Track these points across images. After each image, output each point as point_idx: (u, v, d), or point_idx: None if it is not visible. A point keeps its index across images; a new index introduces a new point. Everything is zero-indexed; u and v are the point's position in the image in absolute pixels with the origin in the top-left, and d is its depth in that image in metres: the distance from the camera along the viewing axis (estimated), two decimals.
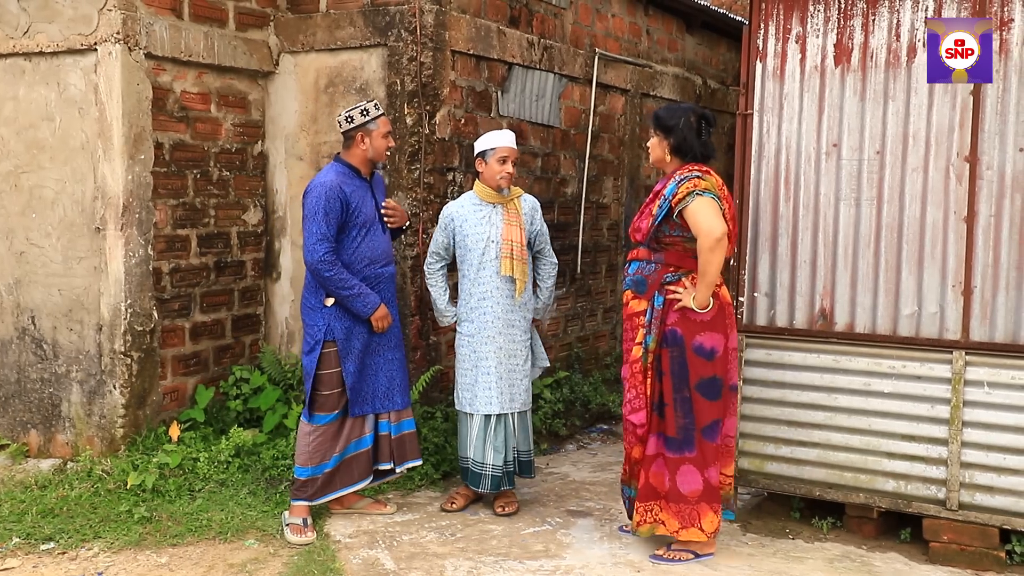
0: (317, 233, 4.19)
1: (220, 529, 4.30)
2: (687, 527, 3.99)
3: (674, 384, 3.96)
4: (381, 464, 4.50)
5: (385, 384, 4.45)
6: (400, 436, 4.52)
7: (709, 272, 3.83)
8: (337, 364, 4.31)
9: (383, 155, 4.40)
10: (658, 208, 3.96)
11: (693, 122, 4.02)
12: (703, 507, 3.99)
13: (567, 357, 6.84)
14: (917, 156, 4.14)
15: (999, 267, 4.02)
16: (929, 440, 4.15)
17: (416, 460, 4.58)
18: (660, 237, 4.00)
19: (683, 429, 3.97)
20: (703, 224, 3.82)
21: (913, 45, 4.13)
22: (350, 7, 5.49)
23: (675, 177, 3.98)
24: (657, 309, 3.98)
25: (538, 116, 6.35)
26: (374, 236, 4.37)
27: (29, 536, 4.19)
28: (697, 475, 3.98)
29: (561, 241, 6.65)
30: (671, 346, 3.96)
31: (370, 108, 4.34)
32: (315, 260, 4.20)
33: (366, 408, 4.40)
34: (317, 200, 4.22)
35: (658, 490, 4.04)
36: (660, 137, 4.07)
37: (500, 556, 4.13)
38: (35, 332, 5.17)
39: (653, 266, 4.03)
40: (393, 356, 4.48)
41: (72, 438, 5.09)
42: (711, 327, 3.93)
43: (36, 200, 5.13)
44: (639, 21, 7.51)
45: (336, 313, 4.29)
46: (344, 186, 4.26)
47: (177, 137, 5.24)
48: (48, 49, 4.98)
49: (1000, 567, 4.05)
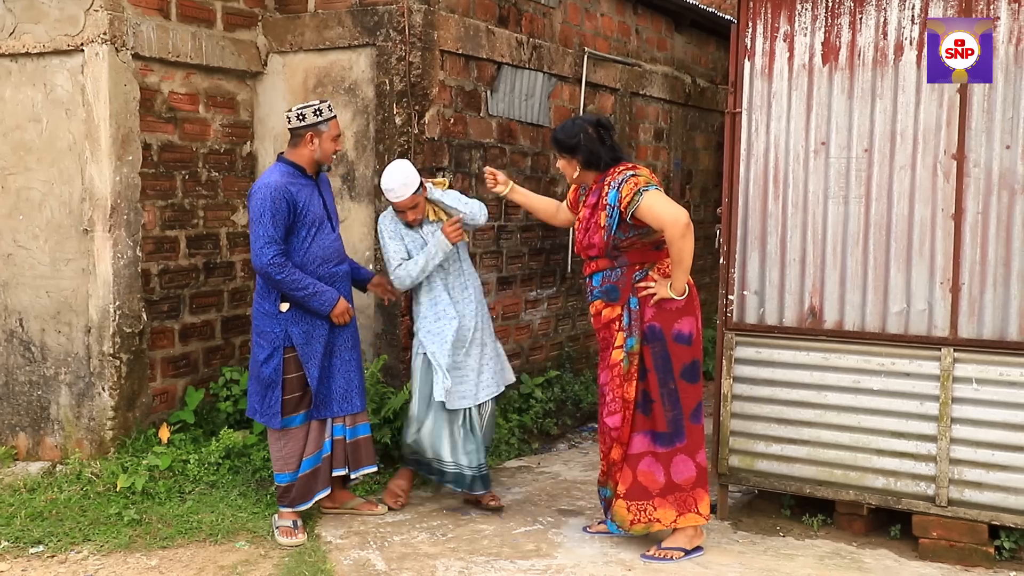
0: (264, 236, 4.07)
1: (210, 531, 4.29)
2: (684, 513, 4.07)
3: (659, 379, 4.01)
4: (336, 470, 4.40)
5: (343, 386, 4.35)
6: (355, 441, 4.43)
7: (684, 258, 3.88)
8: (297, 369, 4.23)
9: (330, 158, 4.29)
10: (608, 219, 3.97)
11: (592, 133, 4.06)
12: (698, 492, 4.08)
13: (558, 356, 6.84)
14: (905, 154, 4.15)
15: (986, 264, 4.04)
16: (918, 437, 4.17)
17: (371, 467, 4.49)
18: (617, 244, 4.02)
19: (673, 421, 4.03)
20: (666, 216, 3.85)
21: (900, 43, 4.15)
22: (338, 7, 5.48)
23: (610, 184, 3.99)
24: (634, 310, 4.02)
25: (528, 115, 6.35)
26: (324, 235, 4.28)
27: (18, 539, 4.17)
28: (690, 462, 4.06)
29: (551, 240, 6.66)
30: (653, 342, 4.00)
31: (323, 108, 4.21)
32: (264, 264, 4.08)
33: (323, 412, 4.32)
34: (263, 202, 4.09)
35: (649, 489, 4.06)
36: (567, 159, 4.11)
37: (491, 556, 4.13)
38: (23, 334, 5.15)
39: (619, 271, 4.05)
40: (350, 357, 4.39)
41: (61, 441, 5.07)
42: (686, 312, 4.02)
43: (23, 202, 5.11)
44: (628, 20, 7.52)
45: (293, 318, 4.20)
46: (290, 186, 4.14)
47: (165, 138, 5.23)
48: (34, 50, 4.95)
49: (989, 563, 4.07)
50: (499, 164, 6.08)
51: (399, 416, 5.12)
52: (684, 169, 8.47)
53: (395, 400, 5.08)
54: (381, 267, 5.33)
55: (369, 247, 5.46)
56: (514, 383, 5.10)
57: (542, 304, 6.66)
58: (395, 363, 5.43)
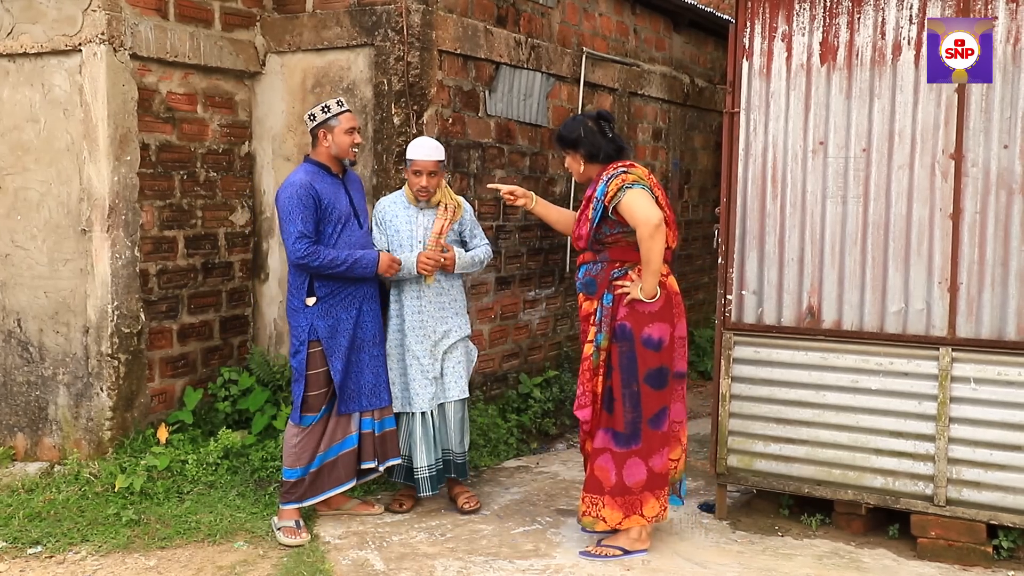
0: (295, 232, 4.20)
1: (209, 531, 4.29)
2: (629, 515, 4.05)
3: (623, 379, 4.01)
4: (364, 463, 4.49)
5: (371, 381, 4.44)
6: (383, 434, 4.51)
7: (652, 260, 3.89)
8: (323, 364, 4.31)
9: (347, 151, 4.35)
10: (593, 211, 4.04)
11: (593, 126, 4.11)
12: (646, 495, 4.06)
13: (556, 356, 6.84)
14: (903, 154, 4.15)
15: (985, 264, 4.04)
16: (916, 436, 4.17)
17: (396, 458, 4.56)
18: (601, 238, 4.06)
19: (631, 423, 4.02)
20: (639, 214, 3.89)
21: (898, 43, 4.15)
22: (336, 7, 5.48)
23: (602, 178, 4.05)
24: (607, 307, 4.04)
25: (526, 115, 6.35)
26: (351, 232, 4.36)
27: (16, 540, 4.17)
28: (642, 466, 4.04)
29: (549, 240, 6.66)
30: (621, 341, 4.01)
31: (332, 105, 4.34)
32: (298, 257, 4.20)
33: (352, 406, 4.39)
34: (289, 200, 4.22)
35: (603, 484, 4.07)
36: (571, 154, 4.17)
37: (490, 556, 4.13)
38: (21, 335, 5.14)
39: (599, 265, 4.09)
40: (378, 352, 4.48)
41: (59, 441, 5.07)
42: (659, 317, 4.00)
43: (21, 202, 5.10)
44: (626, 20, 7.52)
45: (319, 312, 4.29)
46: (315, 183, 4.26)
47: (163, 138, 5.22)
48: (32, 50, 4.95)
49: (987, 562, 4.07)
50: (497, 164, 6.08)
51: None
52: (682, 169, 8.47)
53: None
54: None
55: None
56: (513, 383, 5.10)
57: (540, 304, 6.66)
58: None
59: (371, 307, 4.44)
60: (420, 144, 4.53)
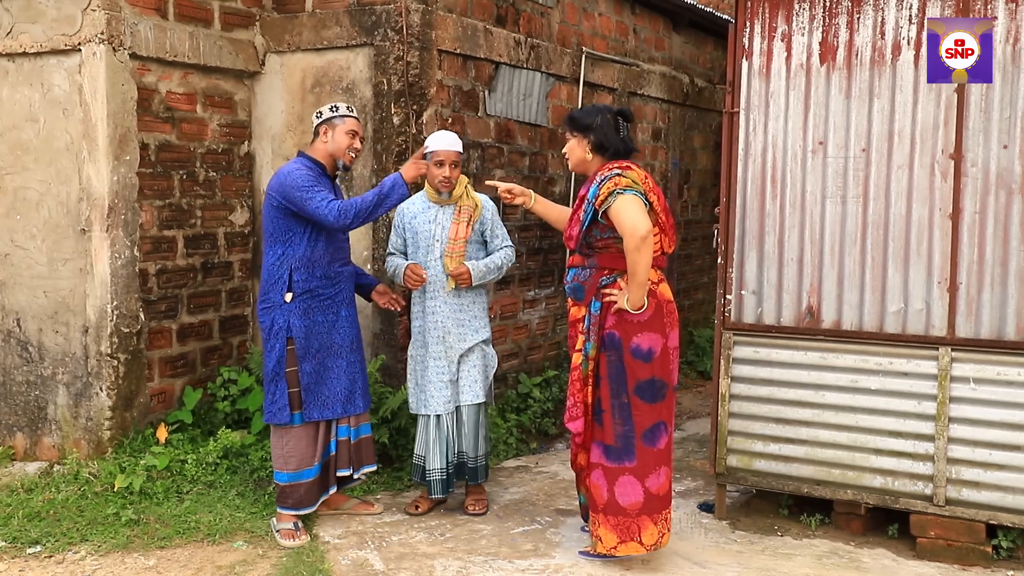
0: (317, 198, 4.09)
1: (208, 531, 4.28)
2: (625, 541, 3.87)
3: (612, 389, 3.85)
4: (340, 470, 4.43)
5: (348, 387, 4.37)
6: (359, 440, 4.47)
7: (638, 272, 3.72)
8: (295, 363, 4.26)
9: (344, 151, 4.30)
10: (584, 213, 3.90)
11: (611, 119, 3.97)
12: (643, 520, 3.86)
13: (556, 356, 6.84)
14: (902, 153, 4.16)
15: (984, 264, 4.04)
16: (916, 436, 4.17)
17: (371, 465, 4.53)
18: (591, 242, 3.92)
19: (622, 437, 3.85)
20: (626, 223, 3.73)
21: (898, 43, 4.15)
22: (336, 7, 5.48)
23: (596, 178, 3.91)
24: (594, 315, 3.89)
25: (525, 115, 6.35)
26: (335, 234, 4.32)
27: (15, 540, 4.17)
28: (637, 486, 3.85)
29: (549, 240, 6.65)
30: (609, 350, 3.85)
31: (341, 106, 4.33)
32: (335, 220, 4.09)
33: (327, 413, 4.32)
34: (301, 176, 4.13)
35: (596, 502, 3.92)
36: (579, 137, 3.98)
37: (489, 555, 4.13)
38: (20, 334, 5.14)
39: (588, 271, 3.94)
40: (354, 359, 4.41)
41: (59, 441, 5.07)
42: (648, 327, 3.82)
43: (20, 202, 5.10)
44: (626, 20, 7.52)
45: (296, 310, 4.23)
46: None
47: (163, 138, 5.22)
48: (32, 50, 4.95)
49: (987, 562, 4.07)
50: (497, 164, 6.08)
51: (397, 416, 5.13)
52: (682, 169, 8.47)
53: (393, 400, 5.08)
54: (379, 268, 5.34)
55: (367, 247, 5.46)
56: (512, 383, 5.10)
57: (540, 304, 6.66)
58: (393, 363, 5.42)
59: (350, 312, 4.39)
60: (441, 136, 4.55)
